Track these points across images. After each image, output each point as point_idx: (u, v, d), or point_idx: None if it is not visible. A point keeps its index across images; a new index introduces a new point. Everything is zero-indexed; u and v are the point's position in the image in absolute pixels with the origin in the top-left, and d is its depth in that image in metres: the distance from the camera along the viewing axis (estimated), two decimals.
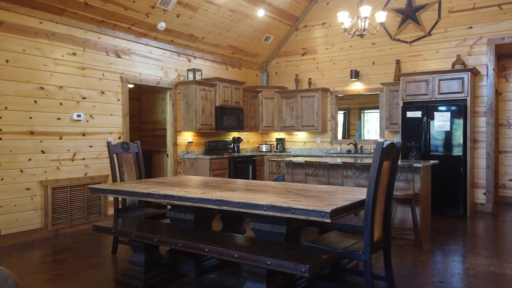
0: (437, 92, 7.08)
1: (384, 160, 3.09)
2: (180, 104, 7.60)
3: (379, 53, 8.31)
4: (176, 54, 7.54)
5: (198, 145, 8.00)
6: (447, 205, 6.88)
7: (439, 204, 6.91)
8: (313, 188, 3.76)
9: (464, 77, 6.85)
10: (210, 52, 8.23)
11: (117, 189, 3.82)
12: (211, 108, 7.75)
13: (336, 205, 2.84)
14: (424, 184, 5.41)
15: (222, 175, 7.54)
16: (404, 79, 7.39)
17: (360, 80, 8.54)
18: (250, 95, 8.88)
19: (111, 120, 6.37)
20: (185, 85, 7.54)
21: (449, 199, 6.86)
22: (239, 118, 8.31)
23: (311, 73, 9.14)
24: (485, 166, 7.26)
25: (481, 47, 7.29)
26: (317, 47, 9.08)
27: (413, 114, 7.16)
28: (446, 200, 6.88)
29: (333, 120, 8.90)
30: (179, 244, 3.25)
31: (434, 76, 7.11)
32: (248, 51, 8.98)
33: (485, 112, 7.27)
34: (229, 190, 3.64)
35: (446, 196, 6.87)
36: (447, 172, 6.86)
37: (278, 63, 9.63)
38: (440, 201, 6.91)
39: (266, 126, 9.20)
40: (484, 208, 7.25)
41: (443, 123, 6.90)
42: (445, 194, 6.88)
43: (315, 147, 9.12)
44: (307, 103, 8.80)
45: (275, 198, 3.14)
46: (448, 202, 6.87)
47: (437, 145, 6.98)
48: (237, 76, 9.05)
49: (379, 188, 3.09)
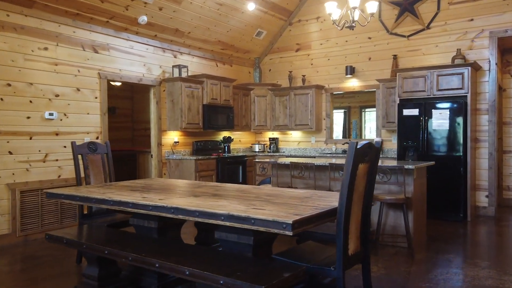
0: (435, 89, 6.66)
1: (360, 162, 2.70)
2: (165, 102, 7.25)
3: (376, 48, 7.90)
4: (160, 50, 7.19)
5: (185, 145, 7.65)
6: (446, 208, 6.46)
7: (438, 207, 6.50)
8: (287, 193, 3.38)
9: (464, 72, 6.43)
10: (198, 48, 7.87)
11: (72, 194, 3.47)
12: (198, 106, 7.40)
13: (301, 214, 2.47)
14: (418, 187, 5.01)
15: (209, 176, 7.18)
16: (401, 75, 6.98)
17: (356, 76, 8.13)
18: (241, 92, 8.51)
19: (88, 119, 6.03)
20: (170, 82, 7.19)
21: (448, 202, 6.44)
22: (229, 117, 7.95)
23: (305, 69, 8.75)
24: (487, 167, 6.83)
25: (483, 40, 6.86)
26: (311, 42, 8.69)
27: (410, 112, 6.74)
28: (445, 203, 6.46)
29: (328, 118, 8.50)
30: (130, 258, 2.89)
31: (432, 72, 6.69)
32: (240, 47, 8.61)
33: (487, 110, 6.84)
34: (193, 196, 3.28)
35: (445, 199, 6.46)
36: (446, 174, 6.44)
37: (272, 59, 9.25)
38: (439, 205, 6.49)
39: (259, 125, 8.83)
40: (486, 212, 6.81)
41: (441, 121, 6.48)
42: (444, 197, 6.46)
43: (309, 147, 8.73)
44: (301, 101, 8.42)
45: (237, 206, 2.77)
46: (447, 206, 6.45)
47: (435, 144, 6.56)
48: (228, 73, 8.69)
49: (354, 195, 2.71)
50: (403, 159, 6.82)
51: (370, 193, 2.93)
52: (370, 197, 2.93)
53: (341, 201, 2.62)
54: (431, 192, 6.44)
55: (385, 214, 5.03)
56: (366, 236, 2.94)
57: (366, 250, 2.94)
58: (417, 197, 4.97)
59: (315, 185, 5.13)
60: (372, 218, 5.01)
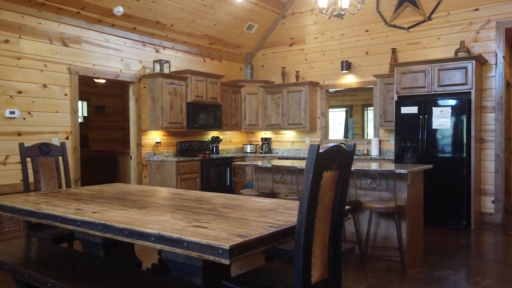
0: (436, 84, 6.10)
1: (324, 170, 2.19)
2: (145, 100, 6.78)
3: (373, 42, 7.35)
4: (140, 44, 6.71)
5: (168, 145, 7.17)
6: (447, 215, 5.90)
7: (438, 214, 5.94)
8: (250, 204, 2.88)
9: (467, 66, 5.86)
10: (183, 42, 7.39)
11: (2, 204, 3.00)
12: (181, 104, 6.91)
13: (246, 236, 1.97)
14: (413, 193, 4.47)
15: (192, 180, 6.69)
16: (399, 70, 6.42)
17: (353, 72, 7.59)
18: (230, 90, 8.01)
19: (56, 118, 5.58)
20: (150, 79, 6.71)
21: (450, 208, 5.88)
22: (216, 116, 7.46)
23: (299, 65, 8.22)
24: (493, 170, 6.26)
25: (489, 32, 6.28)
26: (305, 36, 8.16)
27: (408, 110, 6.19)
28: (446, 209, 5.91)
29: (323, 117, 7.97)
30: (49, 284, 2.40)
31: (433, 66, 6.13)
32: (229, 42, 8.11)
33: (493, 107, 6.26)
34: (138, 207, 2.79)
35: (446, 205, 5.90)
36: (447, 177, 5.88)
37: (264, 55, 8.74)
38: (440, 211, 5.94)
39: (250, 124, 8.32)
40: (493, 219, 6.24)
41: (443, 120, 5.93)
42: (445, 202, 5.90)
43: (303, 147, 8.21)
44: (294, 99, 7.90)
45: (177, 223, 2.28)
46: (449, 212, 5.89)
47: (436, 145, 6.00)
48: (217, 69, 8.20)
49: (318, 210, 2.20)
50: (401, 161, 6.27)
51: (341, 207, 2.41)
52: (341, 212, 2.42)
53: (299, 218, 2.11)
54: (431, 197, 5.90)
55: (376, 224, 4.50)
56: (337, 259, 2.42)
57: (336, 276, 2.42)
58: (411, 205, 4.43)
59: (298, 190, 4.61)
60: (362, 228, 4.49)
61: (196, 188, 6.73)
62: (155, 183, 6.66)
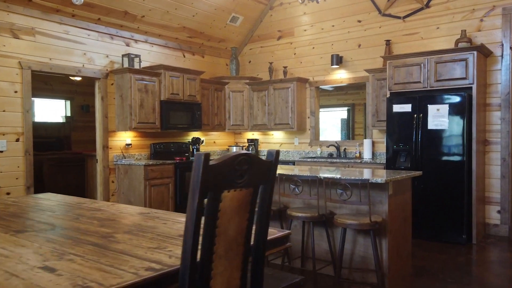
0: (433, 79, 5.40)
1: (225, 189, 1.56)
2: (113, 97, 6.21)
3: (366, 33, 6.67)
4: (107, 36, 6.14)
5: (141, 148, 6.59)
6: (445, 228, 5.20)
7: (435, 226, 5.25)
8: (165, 227, 2.25)
9: (468, 58, 5.15)
10: (158, 35, 6.80)
11: None
12: (153, 102, 6.32)
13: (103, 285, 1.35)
14: (396, 206, 3.79)
15: (164, 185, 6.09)
16: (392, 63, 5.73)
17: (344, 67, 6.91)
18: (212, 87, 7.39)
19: (4, 118, 5.03)
20: (118, 75, 6.14)
21: (448, 219, 5.18)
22: (195, 115, 6.85)
23: (287, 60, 7.57)
24: (499, 176, 5.53)
25: (494, 19, 5.56)
26: (294, 28, 7.50)
27: (401, 108, 5.50)
28: (444, 221, 5.20)
29: (312, 116, 7.30)
30: None
31: (429, 58, 5.42)
32: (212, 35, 7.50)
33: (499, 105, 5.53)
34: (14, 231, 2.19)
35: (444, 216, 5.20)
36: (445, 184, 5.18)
37: (252, 49, 8.11)
38: (436, 223, 5.24)
39: (234, 124, 7.69)
40: (498, 231, 5.51)
41: (439, 119, 5.22)
42: (443, 213, 5.20)
43: (292, 149, 7.55)
44: (281, 96, 7.25)
45: (29, 259, 1.67)
46: (446, 224, 5.19)
47: (432, 148, 5.30)
48: (199, 65, 7.59)
49: (218, 245, 1.57)
50: (393, 166, 5.58)
51: (260, 237, 1.78)
52: (260, 243, 1.78)
53: (183, 258, 1.49)
54: (425, 206, 5.22)
55: (353, 241, 3.83)
56: None
57: None
58: (394, 219, 3.76)
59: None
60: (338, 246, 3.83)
61: (169, 195, 6.13)
62: (123, 189, 6.09)
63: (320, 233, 4.03)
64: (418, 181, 5.35)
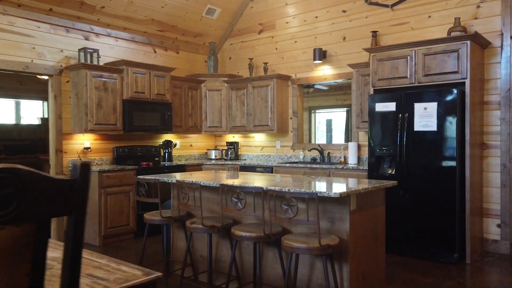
0: (421, 74, 4.71)
1: None
2: (69, 96, 5.65)
3: (352, 24, 6.00)
4: (62, 29, 5.59)
5: (103, 152, 6.01)
6: (434, 244, 4.50)
7: (422, 243, 4.56)
8: None
9: (460, 49, 4.45)
10: (123, 28, 6.22)
11: None
12: (114, 102, 5.74)
13: None
14: (361, 224, 3.13)
15: (123, 194, 5.50)
16: (375, 56, 5.06)
17: (328, 62, 6.25)
18: (186, 85, 6.79)
19: None
20: (74, 71, 5.58)
21: (437, 234, 4.48)
22: (165, 116, 6.25)
23: (269, 56, 6.94)
24: (499, 184, 4.81)
25: (492, 5, 4.85)
26: (276, 21, 6.87)
27: (384, 106, 4.82)
28: (432, 236, 4.51)
29: (295, 117, 6.65)
30: None
31: (416, 50, 4.74)
32: (186, 29, 6.90)
33: (498, 103, 4.82)
34: None
35: (432, 231, 4.50)
36: (434, 193, 4.49)
37: (232, 45, 7.49)
38: (424, 239, 4.55)
39: (212, 126, 7.08)
40: (498, 248, 4.79)
41: (427, 119, 4.53)
42: (431, 227, 4.51)
43: (274, 153, 6.91)
44: (260, 95, 6.61)
45: None
46: (436, 240, 4.49)
47: (418, 152, 4.61)
48: (173, 61, 7.00)
49: None
50: (376, 172, 4.90)
51: None
52: None
53: None
54: (411, 219, 4.56)
55: (310, 266, 3.17)
56: None
57: None
58: (359, 240, 3.09)
59: (202, 216, 3.33)
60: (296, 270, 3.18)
61: (130, 205, 5.54)
62: None
63: (275, 254, 3.39)
64: (403, 191, 4.67)
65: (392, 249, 4.74)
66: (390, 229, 4.76)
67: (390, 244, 4.76)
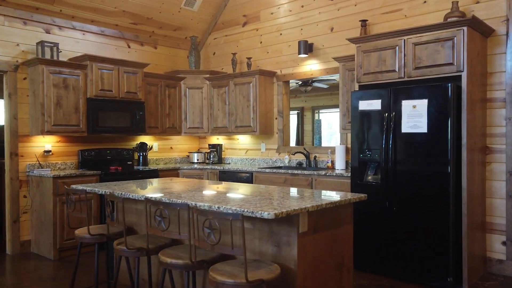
0: (411, 67, 4.06)
1: None
2: (27, 95, 5.17)
3: (340, 13, 5.37)
4: (18, 21, 5.11)
5: (67, 155, 5.52)
6: (424, 265, 3.85)
7: (411, 263, 3.91)
8: None
9: (455, 37, 3.79)
10: (91, 20, 5.72)
11: None
12: (76, 101, 5.24)
13: None
14: (316, 249, 2.52)
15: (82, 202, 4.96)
16: (360, 48, 4.43)
17: (315, 56, 5.63)
18: (163, 83, 6.25)
19: None
20: (31, 67, 5.10)
21: (428, 254, 3.83)
22: (136, 116, 5.72)
23: (253, 50, 6.35)
24: (504, 195, 4.13)
25: None
26: (260, 12, 6.28)
27: (368, 105, 4.19)
28: (422, 256, 3.86)
29: (280, 117, 6.05)
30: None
31: (406, 39, 4.09)
32: (164, 22, 6.37)
33: (503, 100, 4.14)
34: None
35: (422, 249, 3.85)
36: (424, 205, 3.84)
37: (216, 39, 6.93)
38: (413, 258, 3.90)
39: (192, 127, 6.52)
40: (503, 269, 4.11)
41: (416, 119, 3.88)
42: (421, 244, 3.85)
43: (258, 156, 6.31)
44: (242, 93, 6.03)
45: None
46: (426, 260, 3.84)
47: (407, 157, 3.96)
48: (150, 57, 6.48)
49: None
50: (360, 180, 4.27)
51: None
52: None
53: None
54: (399, 236, 3.94)
55: None
56: None
57: None
58: (312, 270, 2.48)
59: (125, 236, 2.77)
60: None
61: (91, 214, 5.03)
62: (36, 206, 5.03)
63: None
64: (389, 202, 4.03)
65: (375, 268, 4.12)
66: (373, 246, 4.13)
67: (373, 263, 4.13)
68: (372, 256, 4.17)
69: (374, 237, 4.14)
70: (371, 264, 4.18)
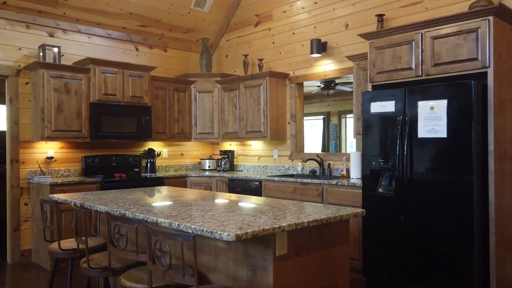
0: (430, 64, 3.61)
1: None
2: (29, 100, 5.04)
3: (355, 8, 4.96)
4: (21, 25, 4.99)
5: (71, 162, 5.36)
6: (446, 283, 3.37)
7: (428, 285, 3.43)
8: None
9: (480, 28, 3.32)
10: (96, 23, 5.56)
11: None
12: (78, 105, 5.07)
13: None
14: (297, 275, 2.14)
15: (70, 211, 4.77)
16: (373, 44, 4.01)
17: (329, 55, 5.23)
18: (171, 87, 6.01)
19: None
20: (33, 71, 4.97)
21: (450, 275, 3.34)
22: (142, 122, 5.50)
23: (265, 51, 6.02)
24: None
25: None
26: (273, 10, 5.94)
27: (380, 107, 3.76)
28: (441, 277, 3.38)
29: (293, 122, 5.67)
30: None
31: (423, 32, 3.65)
32: (173, 24, 6.14)
33: None
34: None
35: (443, 270, 3.37)
36: (444, 220, 3.36)
37: (229, 41, 6.64)
38: (430, 280, 3.43)
39: (202, 132, 6.24)
40: None
41: (434, 122, 3.42)
42: (442, 264, 3.38)
43: (271, 163, 5.95)
44: (252, 97, 5.70)
45: None
46: (446, 283, 3.35)
47: (424, 166, 3.50)
48: (160, 61, 6.27)
49: None
50: (372, 191, 3.83)
51: None
52: None
53: None
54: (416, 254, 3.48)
55: None
56: None
57: None
58: None
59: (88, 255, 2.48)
60: None
61: (91, 223, 4.82)
62: (36, 214, 4.88)
63: None
64: (404, 216, 3.57)
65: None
66: (387, 265, 3.69)
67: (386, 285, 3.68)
68: (385, 277, 3.72)
69: (387, 255, 3.69)
70: (384, 285, 3.72)
